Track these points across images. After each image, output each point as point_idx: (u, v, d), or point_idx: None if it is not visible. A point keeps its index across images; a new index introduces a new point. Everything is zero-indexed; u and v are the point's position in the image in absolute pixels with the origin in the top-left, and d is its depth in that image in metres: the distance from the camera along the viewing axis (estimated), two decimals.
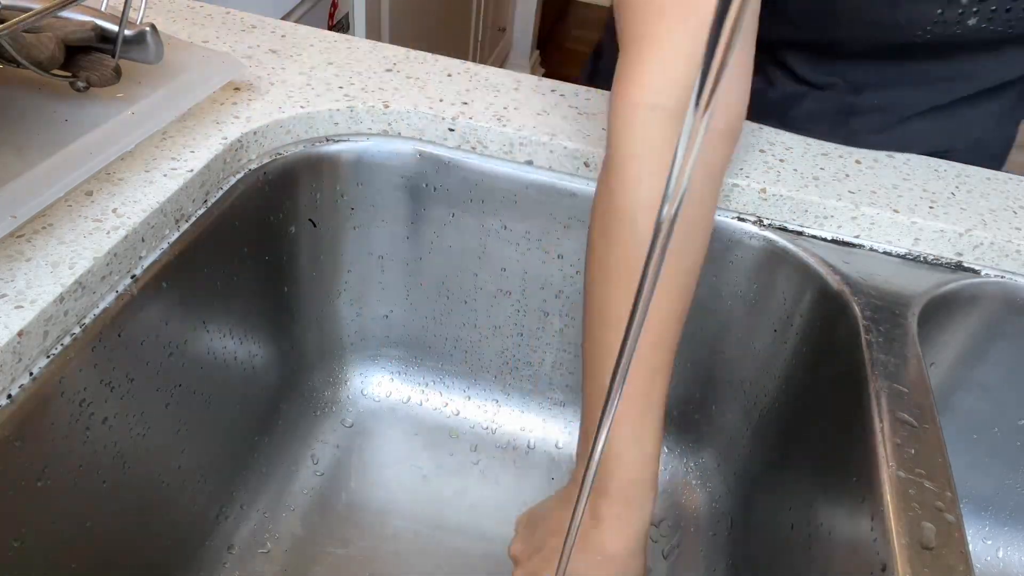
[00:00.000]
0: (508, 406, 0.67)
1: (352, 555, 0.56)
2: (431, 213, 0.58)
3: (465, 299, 0.62)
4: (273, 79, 0.55)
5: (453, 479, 0.62)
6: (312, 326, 0.63)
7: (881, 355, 0.44)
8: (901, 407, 0.41)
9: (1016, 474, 0.59)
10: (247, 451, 0.58)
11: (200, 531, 0.53)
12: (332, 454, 0.62)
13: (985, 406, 0.56)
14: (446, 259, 0.60)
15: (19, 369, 0.36)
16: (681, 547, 0.59)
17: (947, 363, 0.55)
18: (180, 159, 0.46)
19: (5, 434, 0.35)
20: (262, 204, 0.53)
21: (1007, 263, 0.51)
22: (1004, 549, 0.62)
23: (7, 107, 0.44)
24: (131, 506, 0.45)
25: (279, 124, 0.52)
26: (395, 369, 0.67)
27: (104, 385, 0.41)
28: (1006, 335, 0.53)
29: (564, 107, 0.57)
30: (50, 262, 0.38)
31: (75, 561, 0.41)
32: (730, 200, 0.52)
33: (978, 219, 0.52)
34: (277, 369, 0.60)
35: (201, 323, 0.49)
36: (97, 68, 0.44)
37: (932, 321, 0.50)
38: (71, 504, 0.40)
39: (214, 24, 0.61)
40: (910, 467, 0.38)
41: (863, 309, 0.47)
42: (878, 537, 0.37)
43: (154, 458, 0.47)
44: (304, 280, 0.60)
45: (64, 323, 0.38)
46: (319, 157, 0.54)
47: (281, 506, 0.58)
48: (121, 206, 0.42)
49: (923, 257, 0.52)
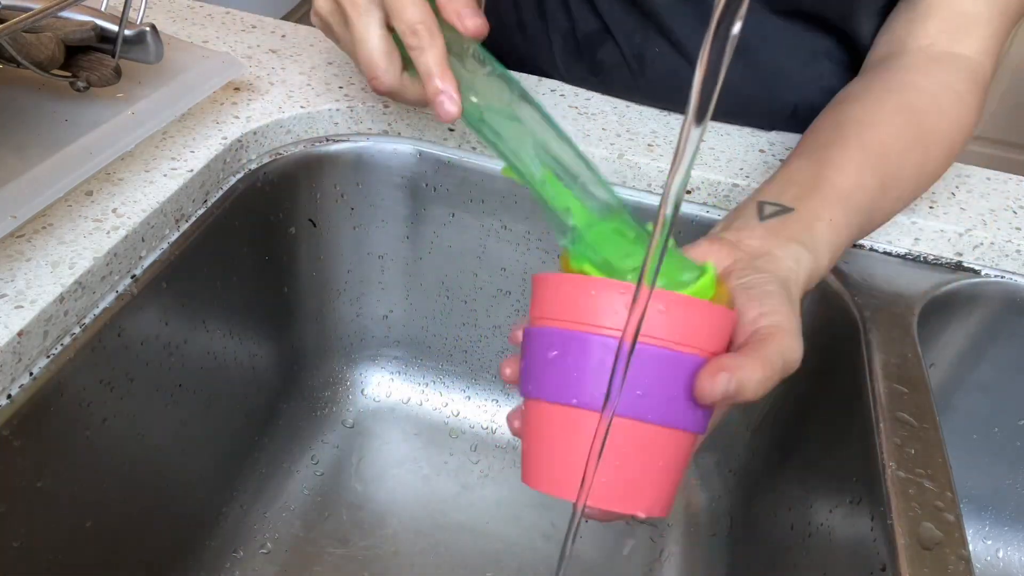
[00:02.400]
0: (508, 406, 0.67)
1: (352, 555, 0.56)
2: (431, 213, 0.58)
3: (465, 299, 0.62)
4: (273, 79, 0.55)
5: (453, 479, 0.62)
6: (312, 326, 0.63)
7: (881, 355, 0.44)
8: (901, 407, 0.41)
9: (1016, 474, 0.59)
10: (247, 451, 0.58)
11: (200, 531, 0.53)
12: (332, 454, 0.62)
13: (985, 406, 0.56)
14: (446, 259, 0.60)
15: (19, 369, 0.36)
16: (681, 547, 0.59)
17: (947, 363, 0.55)
18: (180, 159, 0.46)
19: (5, 434, 0.35)
20: (262, 204, 0.53)
21: (1007, 263, 0.51)
22: (1004, 549, 0.62)
23: (7, 107, 0.44)
24: (131, 506, 0.45)
25: (279, 124, 0.52)
26: (395, 369, 0.67)
27: (104, 385, 0.41)
28: (1006, 335, 0.53)
29: (564, 107, 0.57)
30: (50, 262, 0.38)
31: (75, 561, 0.41)
32: (730, 200, 0.52)
33: (978, 219, 0.52)
34: (277, 369, 0.60)
35: (201, 323, 0.49)
36: (97, 68, 0.44)
37: (932, 321, 0.50)
38: (71, 504, 0.40)
39: (214, 24, 0.61)
40: (910, 467, 0.38)
41: (863, 309, 0.47)
42: (878, 537, 0.37)
43: (154, 458, 0.47)
44: (304, 280, 0.60)
45: (64, 323, 0.38)
46: (319, 157, 0.54)
47: (281, 506, 0.58)
48: (121, 206, 0.42)
49: (923, 257, 0.52)
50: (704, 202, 0.53)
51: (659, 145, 0.54)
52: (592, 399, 0.28)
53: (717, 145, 0.55)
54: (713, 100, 0.18)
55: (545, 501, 0.62)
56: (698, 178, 0.52)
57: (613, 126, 0.55)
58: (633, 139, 0.54)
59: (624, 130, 0.55)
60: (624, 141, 0.54)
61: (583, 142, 0.53)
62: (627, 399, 0.27)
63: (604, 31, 0.58)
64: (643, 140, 0.54)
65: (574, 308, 0.29)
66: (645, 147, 0.53)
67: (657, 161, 0.52)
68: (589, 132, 0.54)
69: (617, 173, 0.53)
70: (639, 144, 0.53)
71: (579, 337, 0.28)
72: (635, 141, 0.54)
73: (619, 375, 0.26)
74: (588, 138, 0.53)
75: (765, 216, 0.38)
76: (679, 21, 0.55)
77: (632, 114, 0.57)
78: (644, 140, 0.54)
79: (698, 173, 0.52)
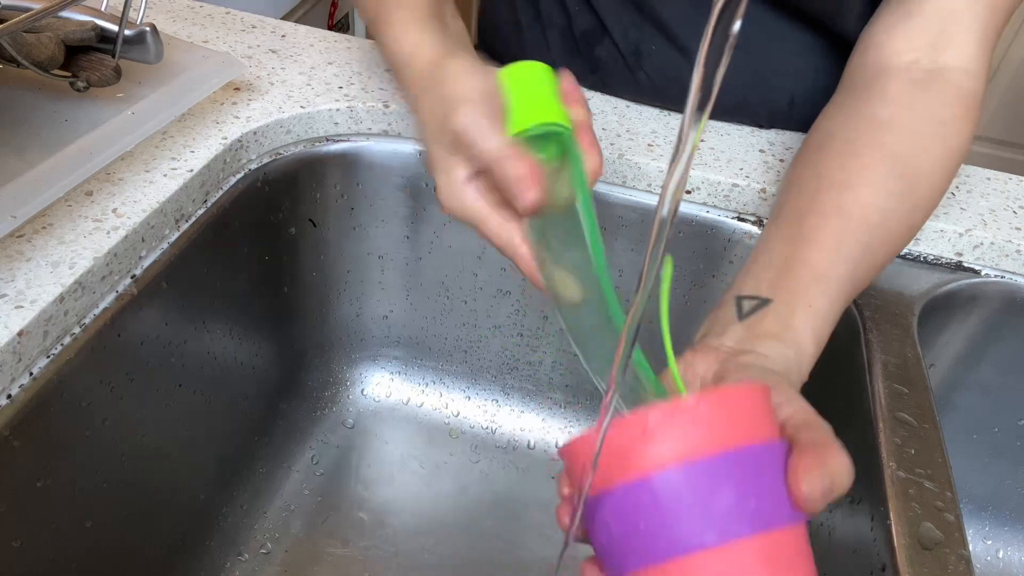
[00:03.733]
0: (508, 406, 0.67)
1: (352, 555, 0.56)
2: (431, 213, 0.58)
3: (465, 299, 0.62)
4: (273, 79, 0.55)
5: (453, 479, 0.62)
6: (312, 326, 0.63)
7: (881, 355, 0.44)
8: (901, 407, 0.41)
9: (1016, 474, 0.59)
10: (247, 451, 0.58)
11: (200, 531, 0.53)
12: (332, 454, 0.62)
13: (985, 406, 0.56)
14: (446, 259, 0.60)
15: (19, 369, 0.36)
16: None
17: (947, 363, 0.55)
18: (180, 159, 0.46)
19: (5, 434, 0.35)
20: (262, 204, 0.53)
21: (1007, 263, 0.51)
22: (1004, 549, 0.62)
23: (7, 107, 0.44)
24: (131, 506, 0.45)
25: (279, 124, 0.52)
26: (395, 369, 0.67)
27: (104, 385, 0.41)
28: (1006, 335, 0.53)
29: None
30: (50, 262, 0.38)
31: (75, 561, 0.41)
32: (730, 200, 0.52)
33: (978, 219, 0.52)
34: (277, 369, 0.60)
35: (201, 323, 0.49)
36: (97, 68, 0.44)
37: (932, 321, 0.50)
38: (71, 504, 0.40)
39: (214, 24, 0.61)
40: (910, 467, 0.38)
41: (863, 309, 0.47)
42: (878, 537, 0.37)
43: (154, 458, 0.47)
44: (304, 280, 0.60)
45: (64, 323, 0.38)
46: (319, 157, 0.54)
47: (281, 506, 0.58)
48: (121, 206, 0.42)
49: (923, 257, 0.52)
50: (704, 202, 0.53)
51: (659, 145, 0.54)
52: (721, 530, 0.24)
53: (717, 145, 0.55)
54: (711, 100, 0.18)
55: (545, 501, 0.62)
56: (698, 178, 0.52)
57: (613, 126, 0.55)
58: (633, 139, 0.54)
59: (624, 130, 0.55)
60: (624, 141, 0.54)
61: None
62: (748, 512, 0.25)
63: (600, 27, 0.58)
64: (643, 140, 0.54)
65: (643, 450, 0.25)
66: (645, 147, 0.53)
67: (657, 161, 0.52)
68: None
69: (617, 173, 0.53)
70: (639, 144, 0.54)
71: (670, 475, 0.25)
72: (635, 141, 0.54)
73: (731, 491, 0.24)
74: None
75: (744, 314, 0.36)
76: (675, 15, 0.55)
77: (632, 114, 0.57)
78: (644, 140, 0.54)
79: (698, 173, 0.52)
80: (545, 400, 0.67)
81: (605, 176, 0.53)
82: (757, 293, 0.38)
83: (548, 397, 0.66)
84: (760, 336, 0.35)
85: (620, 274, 0.57)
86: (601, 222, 0.54)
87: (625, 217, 0.54)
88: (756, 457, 0.25)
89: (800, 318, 0.37)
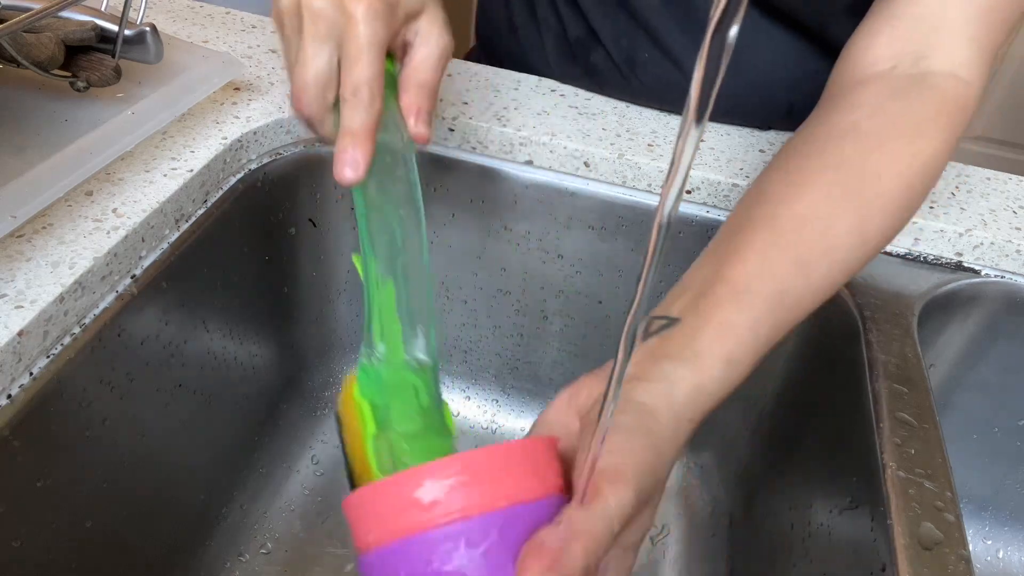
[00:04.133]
0: (508, 406, 0.67)
1: (352, 555, 0.56)
2: (431, 213, 0.58)
3: (465, 299, 0.62)
4: (273, 79, 0.55)
5: None
6: (312, 326, 0.63)
7: (881, 355, 0.44)
8: (901, 407, 0.41)
9: (1016, 474, 0.59)
10: (247, 451, 0.58)
11: (200, 531, 0.53)
12: (332, 454, 0.62)
13: (985, 406, 0.56)
14: (446, 259, 0.60)
15: (19, 369, 0.36)
16: (681, 547, 0.59)
17: (947, 363, 0.55)
18: (180, 159, 0.46)
19: (5, 434, 0.35)
20: (262, 204, 0.53)
21: (1007, 263, 0.51)
22: (1004, 549, 0.62)
23: (7, 107, 0.44)
24: (131, 506, 0.45)
25: (279, 124, 0.52)
26: None
27: (104, 385, 0.41)
28: (1006, 335, 0.53)
29: (564, 107, 0.57)
30: (50, 262, 0.38)
31: (75, 561, 0.41)
32: (730, 200, 0.52)
33: (978, 219, 0.52)
34: (277, 369, 0.60)
35: (201, 323, 0.49)
36: (97, 68, 0.44)
37: (932, 321, 0.50)
38: (71, 504, 0.40)
39: (214, 24, 0.61)
40: (910, 467, 0.38)
41: (863, 309, 0.47)
42: (878, 537, 0.37)
43: (154, 458, 0.47)
44: (304, 280, 0.60)
45: (64, 323, 0.38)
46: (319, 157, 0.54)
47: (281, 506, 0.58)
48: (121, 206, 0.42)
49: (923, 257, 0.52)
50: (704, 202, 0.53)
51: (659, 145, 0.54)
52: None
53: (717, 145, 0.55)
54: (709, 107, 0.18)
55: None
56: (698, 178, 0.52)
57: (613, 126, 0.55)
58: (633, 139, 0.54)
59: (624, 130, 0.55)
60: (624, 141, 0.54)
61: (583, 142, 0.53)
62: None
63: (592, 35, 0.58)
64: (643, 140, 0.54)
65: (406, 511, 0.26)
66: (645, 147, 0.53)
67: (657, 161, 0.52)
68: (589, 132, 0.54)
69: (617, 173, 0.53)
70: (639, 144, 0.54)
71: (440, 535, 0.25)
72: (635, 141, 0.54)
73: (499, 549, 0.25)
74: (588, 138, 0.53)
75: (649, 334, 0.35)
76: (665, 25, 0.55)
77: (632, 114, 0.57)
78: (644, 140, 0.54)
79: (698, 173, 0.52)
80: (545, 400, 0.67)
81: (606, 176, 0.53)
82: (670, 313, 0.36)
83: (548, 397, 0.66)
84: (660, 358, 0.34)
85: (620, 274, 0.57)
86: (602, 222, 0.55)
87: (625, 217, 0.54)
88: (532, 513, 0.26)
89: (707, 336, 0.34)
